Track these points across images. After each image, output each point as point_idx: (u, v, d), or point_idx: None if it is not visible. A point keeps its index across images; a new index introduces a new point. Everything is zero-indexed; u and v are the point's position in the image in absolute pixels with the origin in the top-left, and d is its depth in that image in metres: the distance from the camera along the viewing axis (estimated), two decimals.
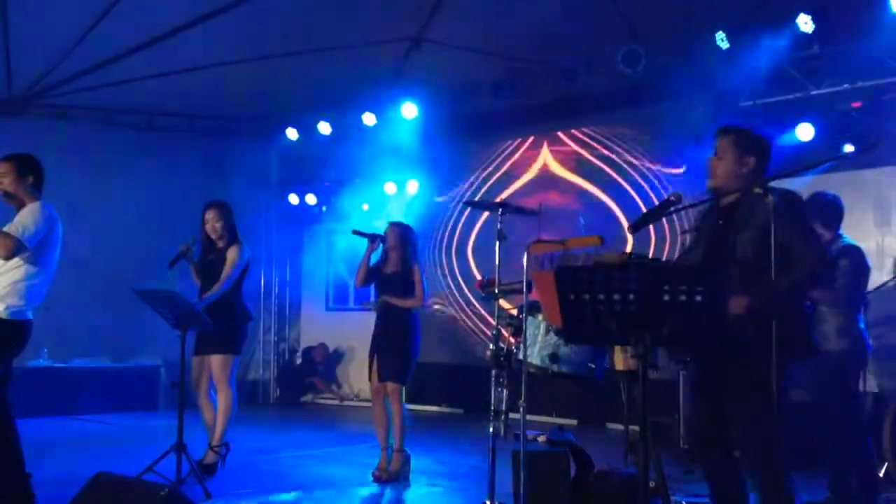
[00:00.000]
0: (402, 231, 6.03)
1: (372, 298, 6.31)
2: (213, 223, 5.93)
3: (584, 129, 9.42)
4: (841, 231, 5.03)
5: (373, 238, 5.97)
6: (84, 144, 9.51)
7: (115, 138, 9.91)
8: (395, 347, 5.84)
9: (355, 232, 6.19)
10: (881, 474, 5.61)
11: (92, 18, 7.59)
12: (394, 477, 5.78)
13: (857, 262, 4.93)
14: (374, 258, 6.08)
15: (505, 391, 4.20)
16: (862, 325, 4.96)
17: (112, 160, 9.62)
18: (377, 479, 5.79)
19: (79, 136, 9.59)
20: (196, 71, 8.63)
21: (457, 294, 10.35)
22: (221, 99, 9.75)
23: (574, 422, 8.57)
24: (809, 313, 3.59)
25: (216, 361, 5.79)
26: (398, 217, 8.49)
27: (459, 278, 10.33)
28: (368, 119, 9.87)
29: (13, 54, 8.34)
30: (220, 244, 5.94)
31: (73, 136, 9.54)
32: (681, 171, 8.45)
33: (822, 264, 3.42)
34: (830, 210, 4.99)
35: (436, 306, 5.89)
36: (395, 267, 5.96)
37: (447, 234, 10.52)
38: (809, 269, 3.33)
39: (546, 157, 9.75)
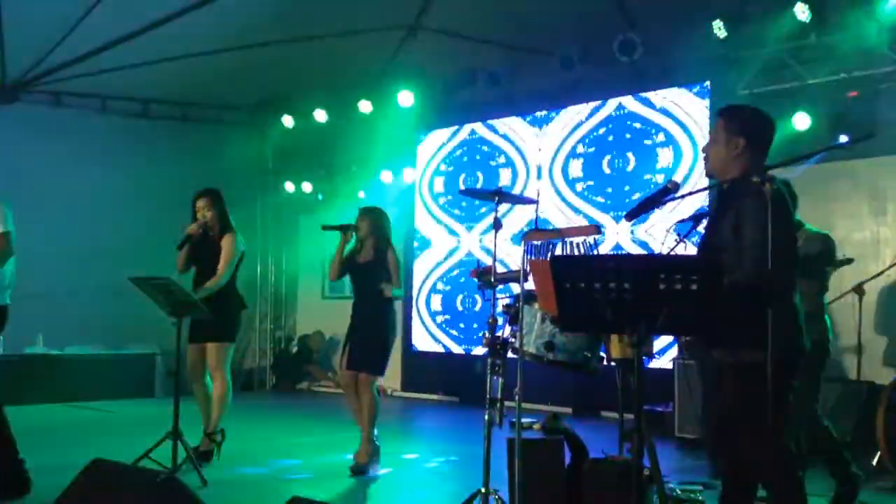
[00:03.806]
0: (373, 218, 5.87)
1: (347, 290, 6.11)
2: (203, 212, 5.89)
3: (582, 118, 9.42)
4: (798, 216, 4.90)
5: (344, 230, 5.82)
6: (78, 131, 9.47)
7: (109, 125, 9.88)
8: (369, 337, 5.69)
9: (325, 227, 6.02)
10: (874, 463, 5.65)
11: (86, 5, 7.55)
12: (362, 468, 5.62)
13: (832, 251, 4.93)
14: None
15: (500, 379, 4.20)
16: (826, 315, 4.92)
17: (106, 147, 9.59)
18: (352, 472, 5.65)
19: (72, 123, 9.56)
20: (191, 58, 8.60)
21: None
22: (217, 86, 9.72)
23: (569, 410, 8.59)
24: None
25: (212, 349, 5.79)
26: (395, 205, 8.48)
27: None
28: (364, 106, 9.85)
29: (7, 40, 8.29)
30: (212, 233, 5.92)
31: (67, 122, 9.51)
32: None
33: (756, 279, 3.06)
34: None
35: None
36: (368, 255, 5.83)
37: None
38: (745, 279, 3.06)
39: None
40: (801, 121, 7.19)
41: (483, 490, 4.13)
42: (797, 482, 3.23)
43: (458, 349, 10.18)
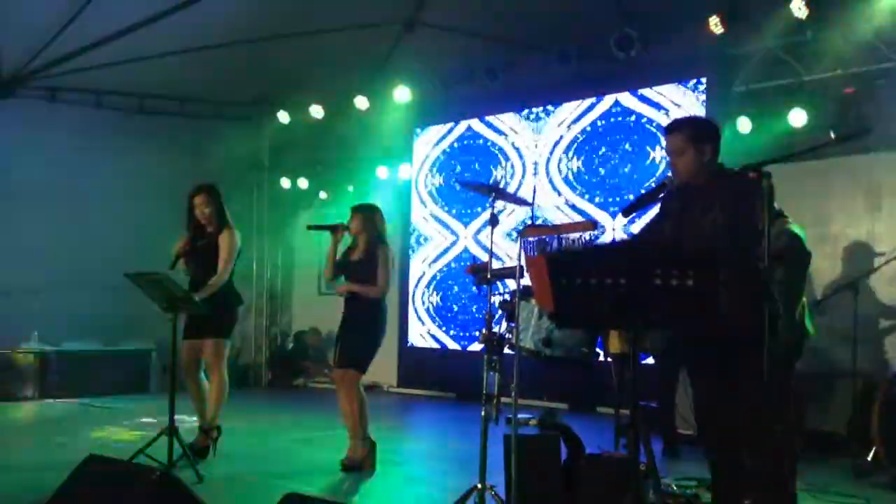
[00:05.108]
0: (364, 215, 5.78)
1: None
2: (201, 208, 5.85)
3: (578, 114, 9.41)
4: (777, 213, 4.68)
5: (333, 229, 5.75)
6: (74, 126, 9.45)
7: (106, 120, 9.84)
8: (355, 335, 5.64)
9: (311, 227, 5.94)
10: (869, 459, 5.66)
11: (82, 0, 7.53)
12: (357, 466, 5.60)
13: (798, 249, 4.74)
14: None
15: (497, 375, 4.20)
16: (796, 315, 4.63)
17: (102, 142, 9.56)
18: (345, 469, 5.61)
19: (68, 117, 9.53)
20: (187, 53, 8.58)
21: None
22: (213, 81, 9.70)
23: (564, 406, 8.60)
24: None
25: (208, 345, 5.78)
26: (391, 201, 8.45)
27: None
28: (361, 102, 9.82)
29: (2, 34, 8.26)
30: (210, 229, 5.88)
31: (63, 117, 9.48)
32: None
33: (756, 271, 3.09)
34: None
35: None
36: (361, 252, 5.75)
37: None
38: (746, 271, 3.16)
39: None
40: (798, 117, 7.19)
41: (479, 486, 4.13)
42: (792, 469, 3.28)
43: (454, 345, 10.18)
